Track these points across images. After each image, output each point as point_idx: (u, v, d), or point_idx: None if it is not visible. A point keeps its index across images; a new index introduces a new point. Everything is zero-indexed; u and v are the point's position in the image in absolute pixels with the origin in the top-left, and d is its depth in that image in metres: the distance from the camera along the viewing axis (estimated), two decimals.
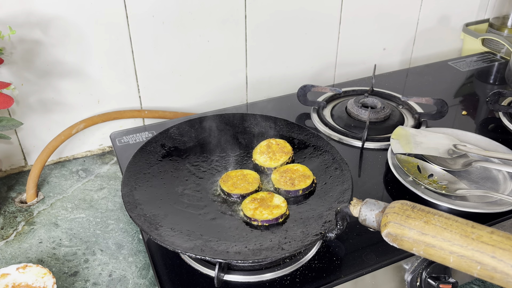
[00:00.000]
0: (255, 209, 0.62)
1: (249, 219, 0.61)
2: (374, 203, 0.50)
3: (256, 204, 0.62)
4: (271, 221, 0.60)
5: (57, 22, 0.77)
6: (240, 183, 0.67)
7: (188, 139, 0.75)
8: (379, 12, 1.05)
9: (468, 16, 1.19)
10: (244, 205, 0.63)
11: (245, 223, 0.61)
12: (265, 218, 0.60)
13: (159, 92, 0.91)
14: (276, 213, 0.61)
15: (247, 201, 0.63)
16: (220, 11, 0.88)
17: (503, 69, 1.07)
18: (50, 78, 0.80)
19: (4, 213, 0.76)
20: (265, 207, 0.62)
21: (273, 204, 0.63)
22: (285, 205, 0.62)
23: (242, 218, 0.62)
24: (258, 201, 0.63)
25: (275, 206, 0.62)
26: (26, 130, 0.83)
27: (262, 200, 0.63)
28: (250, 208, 0.62)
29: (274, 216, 0.60)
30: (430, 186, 0.68)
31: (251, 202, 0.63)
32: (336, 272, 0.58)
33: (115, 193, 0.80)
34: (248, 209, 0.62)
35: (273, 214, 0.61)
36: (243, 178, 0.67)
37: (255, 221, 0.61)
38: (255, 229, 0.60)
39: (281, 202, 0.63)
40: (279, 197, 0.64)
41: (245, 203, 0.63)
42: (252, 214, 0.61)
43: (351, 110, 0.86)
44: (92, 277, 0.65)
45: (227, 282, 0.56)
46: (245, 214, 0.62)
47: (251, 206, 0.62)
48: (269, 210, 0.61)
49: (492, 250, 0.41)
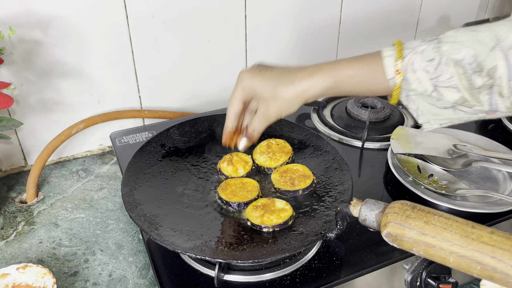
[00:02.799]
0: (261, 216, 0.60)
1: (259, 227, 0.59)
2: (374, 203, 0.50)
3: (260, 211, 0.61)
4: (282, 225, 0.59)
5: (57, 22, 0.77)
6: (239, 191, 0.65)
7: (188, 139, 0.75)
8: (379, 12, 1.05)
9: (468, 16, 1.19)
10: (249, 214, 0.61)
11: (254, 231, 0.59)
12: (275, 223, 0.59)
13: (159, 92, 0.91)
14: (284, 216, 0.60)
15: (250, 210, 0.61)
16: (220, 11, 0.88)
17: None
18: (50, 78, 0.80)
19: (4, 213, 0.76)
20: (271, 212, 0.60)
21: (277, 208, 0.61)
22: (289, 207, 0.61)
23: (250, 227, 0.60)
24: (261, 207, 0.61)
25: (280, 210, 0.61)
26: (26, 130, 0.83)
27: (264, 206, 0.62)
28: (256, 216, 0.60)
29: (283, 220, 0.59)
30: (430, 186, 0.68)
31: (255, 210, 0.61)
32: (336, 272, 0.58)
33: (115, 193, 0.80)
34: (254, 218, 0.60)
35: (281, 217, 0.59)
36: (242, 186, 0.66)
37: (266, 227, 0.59)
38: (255, 229, 0.60)
39: (284, 205, 0.62)
40: (280, 201, 0.63)
41: (249, 213, 0.61)
42: (261, 221, 0.59)
43: (351, 110, 0.86)
44: (92, 277, 0.65)
45: (227, 282, 0.56)
46: (253, 223, 0.60)
47: (256, 214, 0.60)
48: (277, 215, 0.60)
49: (492, 250, 0.41)
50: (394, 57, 0.53)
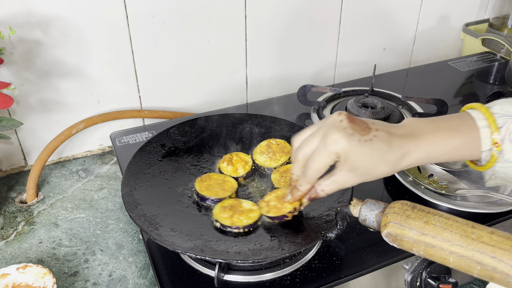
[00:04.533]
0: (231, 217, 0.60)
1: (229, 228, 0.59)
2: (374, 203, 0.50)
3: (229, 211, 0.60)
4: (252, 225, 0.59)
5: (57, 22, 0.77)
6: (215, 186, 0.65)
7: (188, 139, 0.75)
8: (379, 12, 1.05)
9: (468, 16, 1.19)
10: (218, 215, 0.61)
11: (221, 232, 0.59)
12: (246, 224, 0.59)
13: (159, 92, 0.91)
14: (253, 217, 0.60)
15: (218, 211, 0.61)
16: (220, 11, 0.88)
17: (503, 69, 1.07)
18: (50, 78, 0.80)
19: (4, 213, 0.76)
20: (240, 213, 0.60)
21: (245, 208, 0.62)
22: (256, 207, 0.62)
23: (218, 228, 0.60)
24: (229, 208, 0.61)
25: (249, 210, 0.61)
26: (26, 130, 0.83)
27: (232, 207, 0.62)
28: (225, 217, 0.60)
29: (253, 220, 0.59)
30: (430, 186, 0.68)
31: (223, 211, 0.61)
32: (336, 272, 0.58)
33: (115, 193, 0.80)
34: (224, 219, 0.60)
35: (251, 218, 0.60)
36: (221, 183, 0.66)
37: (237, 228, 0.59)
38: (255, 229, 0.60)
39: (251, 206, 0.62)
40: (247, 201, 0.63)
41: (217, 214, 0.61)
42: (231, 222, 0.59)
43: (351, 110, 0.86)
44: (92, 277, 0.65)
45: (227, 282, 0.56)
46: (223, 224, 0.59)
47: (225, 215, 0.60)
48: (245, 215, 0.60)
49: (492, 250, 0.41)
50: (490, 128, 0.49)
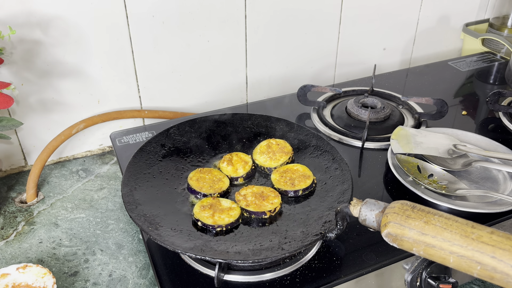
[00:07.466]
0: (212, 216, 0.60)
1: (211, 227, 0.59)
2: (374, 203, 0.50)
3: (209, 210, 0.61)
4: (234, 224, 0.60)
5: (57, 22, 0.77)
6: (206, 181, 0.66)
7: (188, 139, 0.75)
8: (379, 12, 1.05)
9: (468, 16, 1.19)
10: (199, 215, 0.61)
11: (201, 230, 0.60)
12: (228, 222, 0.60)
13: (159, 92, 0.91)
14: (234, 215, 0.61)
15: (198, 210, 0.61)
16: (220, 11, 0.88)
17: (503, 69, 1.07)
18: (50, 78, 0.80)
19: (4, 213, 0.76)
20: (220, 211, 0.61)
21: (225, 207, 0.62)
22: (236, 205, 0.62)
23: (200, 227, 0.60)
24: (209, 207, 0.61)
25: (229, 209, 0.62)
26: (26, 130, 0.83)
27: (212, 205, 0.62)
28: (206, 216, 0.60)
29: (235, 218, 0.60)
30: (430, 186, 0.68)
31: (203, 210, 0.61)
32: (336, 272, 0.58)
33: (115, 193, 0.80)
34: (205, 218, 0.60)
35: (232, 216, 0.61)
36: (215, 180, 0.67)
37: (220, 227, 0.59)
38: (255, 229, 0.60)
39: (230, 204, 0.63)
40: (225, 200, 0.64)
41: (198, 213, 0.61)
42: (213, 221, 0.59)
43: (351, 110, 0.86)
44: (92, 277, 0.65)
45: (227, 282, 0.56)
46: (204, 223, 0.59)
47: (205, 214, 0.60)
48: (226, 213, 0.61)
49: (492, 250, 0.41)
50: None
